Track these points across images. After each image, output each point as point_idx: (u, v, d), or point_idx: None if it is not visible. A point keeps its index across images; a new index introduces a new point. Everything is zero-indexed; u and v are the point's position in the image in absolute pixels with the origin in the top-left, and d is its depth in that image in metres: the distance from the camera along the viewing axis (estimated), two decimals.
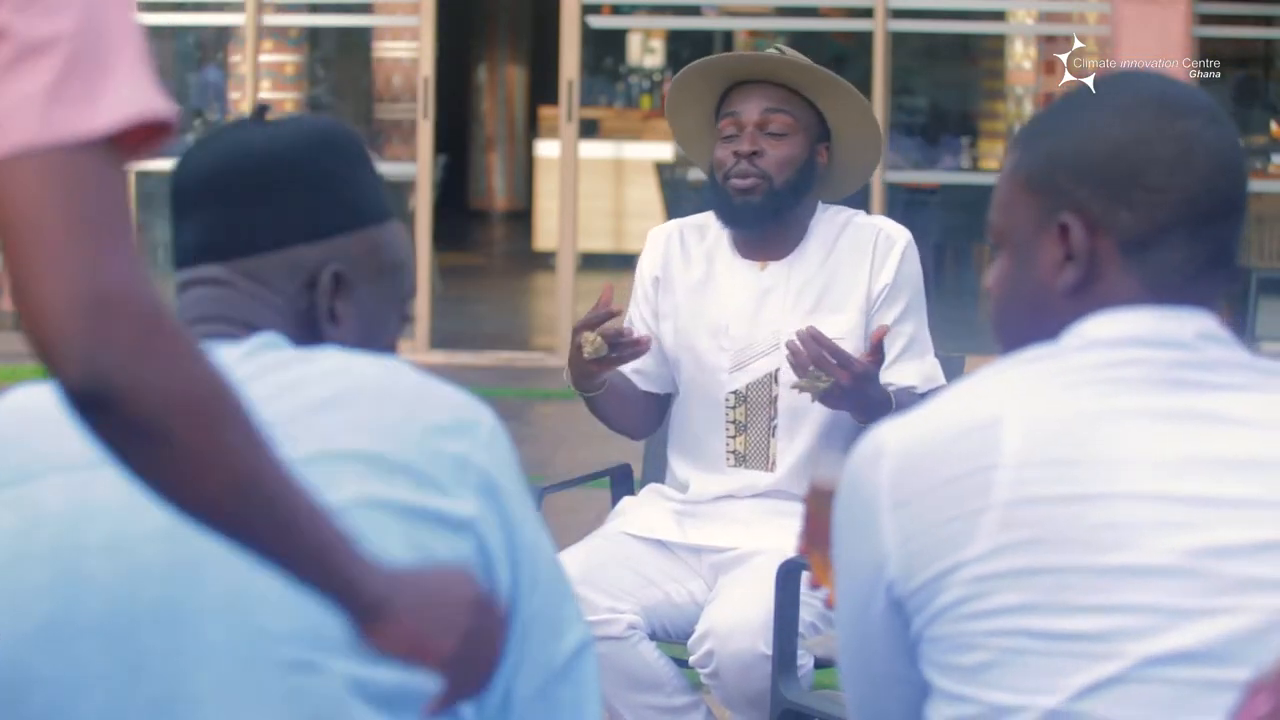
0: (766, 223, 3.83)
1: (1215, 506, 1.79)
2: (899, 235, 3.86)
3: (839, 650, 1.96)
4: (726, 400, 3.87)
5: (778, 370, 3.83)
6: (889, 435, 1.85)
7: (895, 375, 3.78)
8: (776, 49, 3.87)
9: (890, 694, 1.91)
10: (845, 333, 3.80)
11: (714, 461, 3.89)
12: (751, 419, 3.86)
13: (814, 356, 3.58)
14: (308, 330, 1.95)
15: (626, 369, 3.96)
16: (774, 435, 3.85)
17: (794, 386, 3.66)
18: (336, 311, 1.97)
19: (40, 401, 1.86)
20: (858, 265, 3.84)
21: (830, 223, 3.89)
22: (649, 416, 4.04)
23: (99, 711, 1.75)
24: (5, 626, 1.77)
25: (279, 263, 1.96)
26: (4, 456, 1.84)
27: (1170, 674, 1.77)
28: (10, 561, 1.79)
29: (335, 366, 1.88)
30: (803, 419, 3.83)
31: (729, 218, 3.86)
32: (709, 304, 3.89)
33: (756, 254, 3.89)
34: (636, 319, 3.98)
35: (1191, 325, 1.85)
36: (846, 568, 1.90)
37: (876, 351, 3.62)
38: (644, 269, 3.97)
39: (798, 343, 3.60)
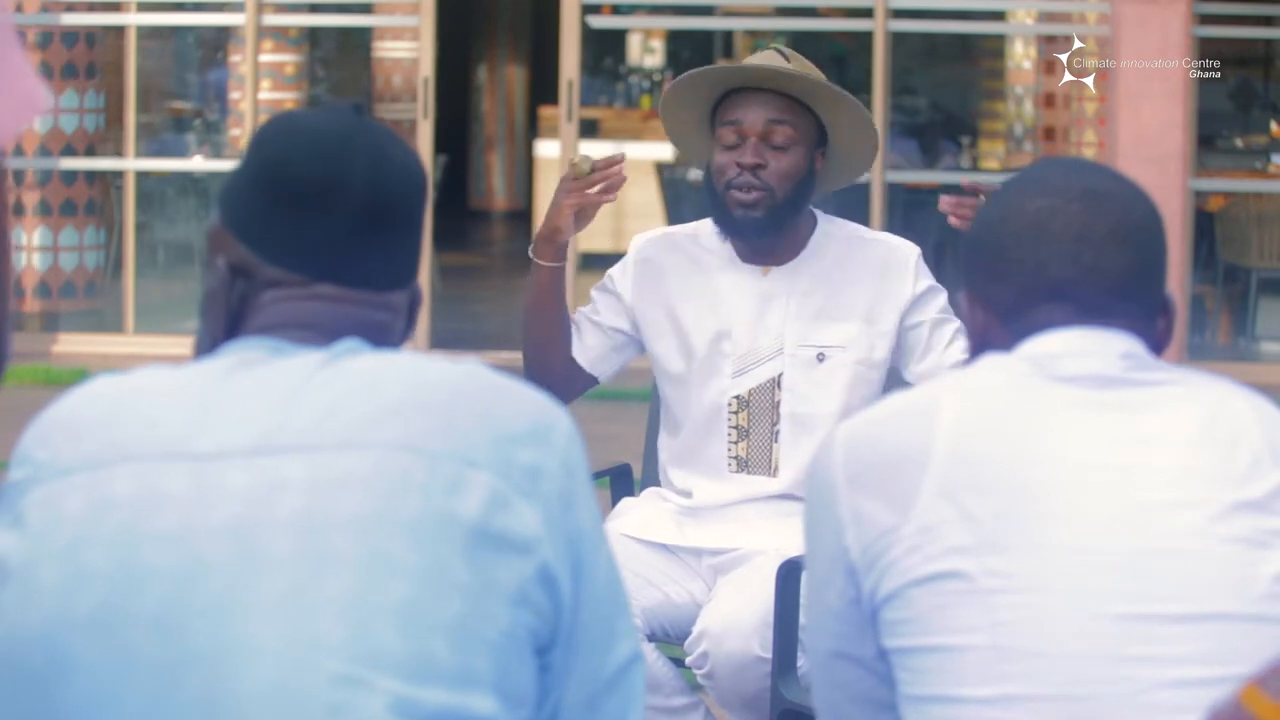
0: (767, 235, 3.83)
1: (1137, 472, 1.98)
2: (911, 250, 3.90)
3: (805, 643, 2.09)
4: (729, 405, 3.85)
5: (781, 375, 3.83)
6: (842, 427, 2.08)
7: (958, 354, 3.82)
8: (777, 50, 3.85)
9: (847, 676, 2.07)
10: (847, 342, 3.83)
11: (715, 467, 3.87)
12: (754, 424, 3.85)
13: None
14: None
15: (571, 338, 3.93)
16: (776, 440, 3.84)
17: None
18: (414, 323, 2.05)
19: (121, 390, 1.87)
20: (868, 282, 3.84)
21: (833, 235, 3.90)
22: (567, 379, 3.92)
23: (140, 703, 1.74)
24: (58, 608, 1.77)
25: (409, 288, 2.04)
26: (80, 443, 1.83)
27: (1101, 609, 1.92)
28: (72, 544, 1.78)
29: (412, 369, 1.87)
30: (806, 424, 3.83)
31: (729, 228, 3.84)
32: (708, 309, 3.87)
33: (758, 259, 3.88)
34: (603, 306, 3.93)
35: (1117, 345, 2.05)
36: (811, 553, 2.07)
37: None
38: (625, 270, 3.93)
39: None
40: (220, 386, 1.86)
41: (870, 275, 3.85)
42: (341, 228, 1.95)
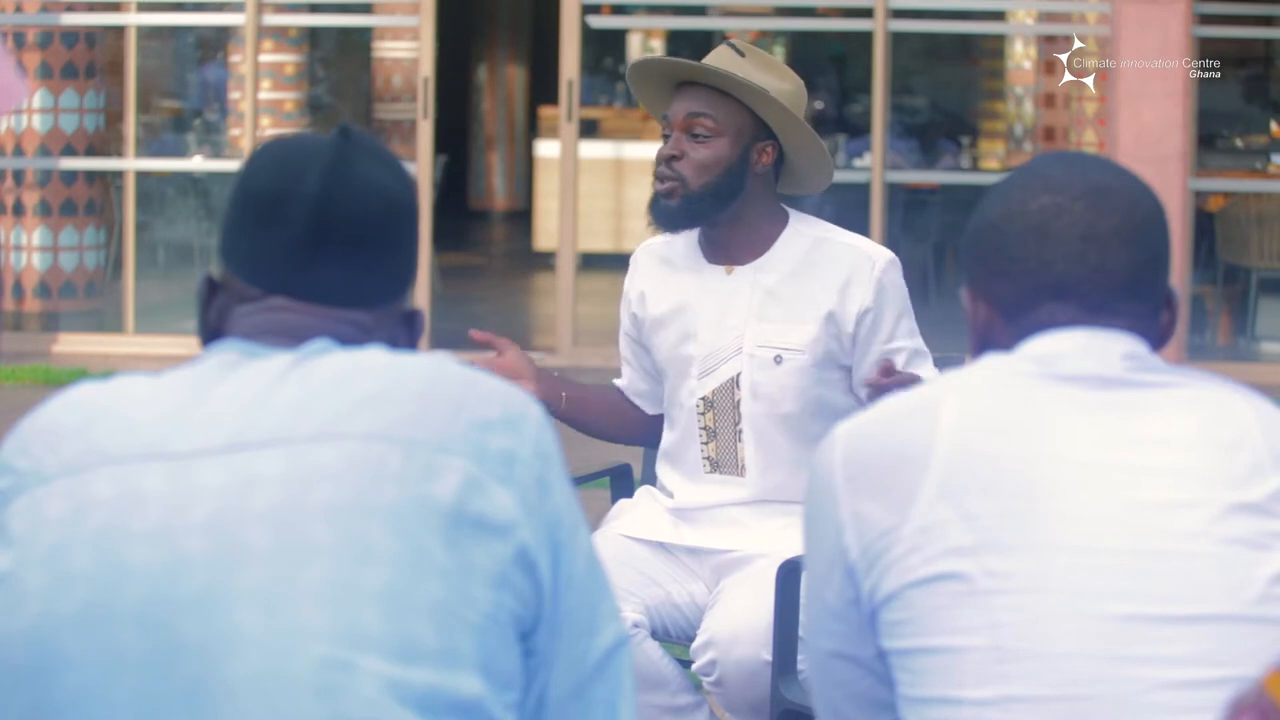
0: (682, 225, 3.83)
1: (1137, 473, 1.97)
2: (879, 256, 3.82)
3: (803, 643, 2.08)
4: (697, 407, 3.87)
5: (739, 375, 3.83)
6: (843, 426, 2.08)
7: None
8: (732, 45, 3.85)
9: (846, 676, 2.07)
10: (804, 345, 3.80)
11: (693, 468, 3.89)
12: (719, 425, 3.86)
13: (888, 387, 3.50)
14: None
15: (631, 395, 4.06)
16: (740, 440, 3.84)
17: None
18: (415, 347, 2.06)
19: (100, 397, 1.91)
20: (829, 284, 3.80)
21: (803, 235, 3.85)
22: (654, 429, 4.06)
23: (131, 696, 1.77)
24: (46, 608, 1.80)
25: (400, 306, 2.04)
26: (61, 450, 1.87)
27: (1100, 610, 1.92)
28: (56, 547, 1.82)
29: (383, 363, 1.91)
30: (767, 425, 3.82)
31: (652, 218, 3.87)
32: (681, 310, 3.89)
33: (723, 257, 3.87)
34: (624, 343, 4.04)
35: (1119, 345, 2.05)
36: (811, 552, 2.07)
37: (887, 373, 3.56)
38: (628, 291, 4.01)
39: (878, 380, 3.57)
40: (196, 389, 1.90)
41: (834, 278, 3.80)
42: (289, 239, 1.98)
